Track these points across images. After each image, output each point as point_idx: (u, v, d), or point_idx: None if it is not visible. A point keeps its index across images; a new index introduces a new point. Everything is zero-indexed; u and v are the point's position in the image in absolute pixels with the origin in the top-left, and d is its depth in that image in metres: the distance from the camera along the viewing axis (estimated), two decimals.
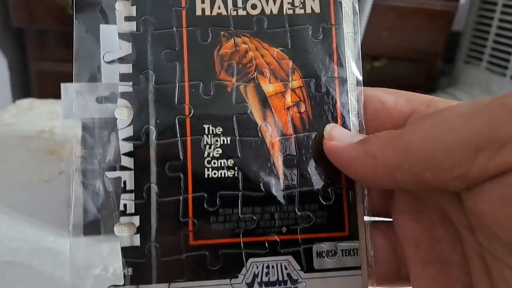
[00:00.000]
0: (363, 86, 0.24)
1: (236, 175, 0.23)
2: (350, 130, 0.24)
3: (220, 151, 0.23)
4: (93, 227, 0.22)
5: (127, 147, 0.22)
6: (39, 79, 1.18)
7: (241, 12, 0.24)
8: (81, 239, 0.23)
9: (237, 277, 0.22)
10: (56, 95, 0.39)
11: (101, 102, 0.23)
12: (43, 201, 0.45)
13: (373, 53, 1.21)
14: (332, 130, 0.23)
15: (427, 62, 1.26)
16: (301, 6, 0.24)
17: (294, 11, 0.24)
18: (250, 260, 0.23)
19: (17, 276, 0.36)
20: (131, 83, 0.23)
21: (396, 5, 1.15)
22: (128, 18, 0.23)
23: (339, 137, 0.23)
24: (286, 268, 0.23)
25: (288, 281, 0.23)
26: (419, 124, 0.20)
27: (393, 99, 0.23)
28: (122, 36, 0.23)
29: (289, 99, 0.24)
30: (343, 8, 0.24)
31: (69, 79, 0.24)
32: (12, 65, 1.16)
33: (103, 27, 0.24)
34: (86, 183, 0.22)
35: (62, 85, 0.37)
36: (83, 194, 0.22)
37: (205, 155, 0.23)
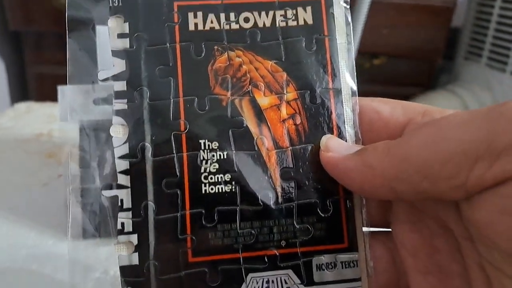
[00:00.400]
0: (363, 83, 0.24)
1: (233, 189, 0.23)
2: (346, 141, 0.24)
3: (217, 166, 0.23)
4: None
5: (123, 165, 0.22)
6: (37, 82, 1.18)
7: (234, 26, 0.24)
8: (80, 243, 0.22)
9: None
10: (55, 98, 0.39)
11: (98, 104, 0.23)
12: (42, 204, 0.45)
13: (372, 51, 1.20)
14: (329, 141, 0.23)
15: (427, 59, 1.25)
16: (293, 18, 0.24)
17: (287, 23, 0.24)
18: (250, 275, 0.22)
19: (17, 281, 0.36)
20: (125, 101, 0.23)
21: (395, 2, 1.15)
22: (121, 35, 0.23)
23: (335, 148, 0.23)
24: (286, 282, 0.23)
25: None
26: (416, 134, 0.20)
27: (389, 109, 0.23)
28: (116, 53, 0.23)
29: (284, 111, 0.23)
30: (335, 19, 0.24)
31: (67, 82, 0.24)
32: (10, 68, 1.16)
33: (99, 28, 0.24)
34: (84, 202, 0.22)
35: (59, 87, 0.37)
36: (81, 214, 0.22)
37: (202, 170, 0.23)
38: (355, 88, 0.24)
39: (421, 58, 1.25)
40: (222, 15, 0.24)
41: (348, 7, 0.25)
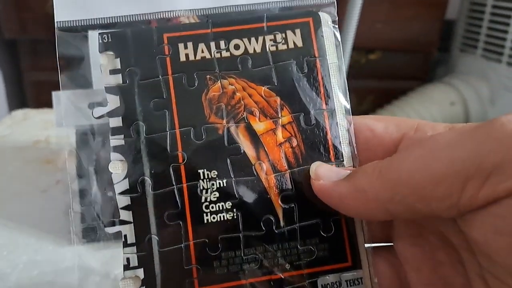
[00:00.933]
0: (360, 79, 0.24)
1: (235, 217, 0.23)
2: (343, 160, 0.24)
3: (217, 195, 0.23)
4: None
5: (124, 200, 0.23)
6: (34, 89, 1.18)
7: (224, 54, 0.24)
8: (83, 247, 0.22)
9: None
10: (52, 104, 0.39)
11: (93, 108, 0.24)
12: (41, 210, 0.45)
13: (368, 46, 1.20)
14: (318, 169, 0.23)
15: (423, 52, 1.26)
16: (283, 41, 0.24)
17: (277, 47, 0.24)
18: None
19: (18, 287, 0.36)
20: (122, 136, 0.23)
21: None
22: (113, 71, 0.23)
23: (325, 175, 0.22)
24: None
25: None
26: (407, 155, 0.20)
27: (382, 126, 0.23)
28: (109, 90, 0.23)
29: (280, 135, 0.24)
30: (325, 39, 0.24)
31: None
32: (7, 77, 1.16)
33: (91, 33, 0.24)
34: (87, 238, 0.23)
35: (54, 93, 0.37)
36: (84, 251, 0.22)
37: (203, 200, 0.23)
38: (348, 106, 0.24)
39: (416, 51, 1.25)
40: (212, 44, 0.24)
41: (337, 26, 0.25)
